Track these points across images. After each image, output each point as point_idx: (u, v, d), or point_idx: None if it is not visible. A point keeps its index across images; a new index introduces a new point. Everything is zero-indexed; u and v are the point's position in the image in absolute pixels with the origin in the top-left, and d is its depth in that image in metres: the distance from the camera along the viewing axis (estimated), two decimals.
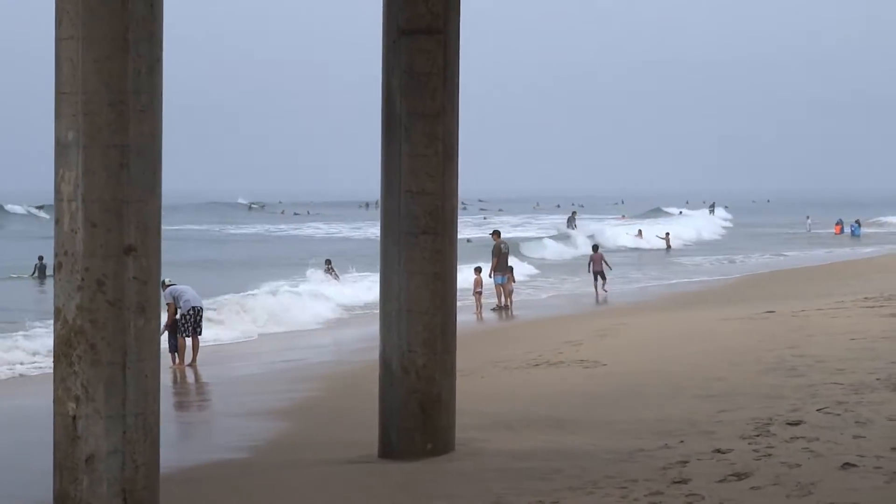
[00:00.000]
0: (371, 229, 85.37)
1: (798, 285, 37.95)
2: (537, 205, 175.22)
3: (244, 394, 19.32)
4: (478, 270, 34.10)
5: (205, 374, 22.77)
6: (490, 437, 13.39)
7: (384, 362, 12.72)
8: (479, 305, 33.45)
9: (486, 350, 22.53)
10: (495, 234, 36.07)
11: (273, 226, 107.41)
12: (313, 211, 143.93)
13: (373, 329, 14.44)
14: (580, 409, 15.01)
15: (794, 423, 12.83)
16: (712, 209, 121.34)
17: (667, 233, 70.07)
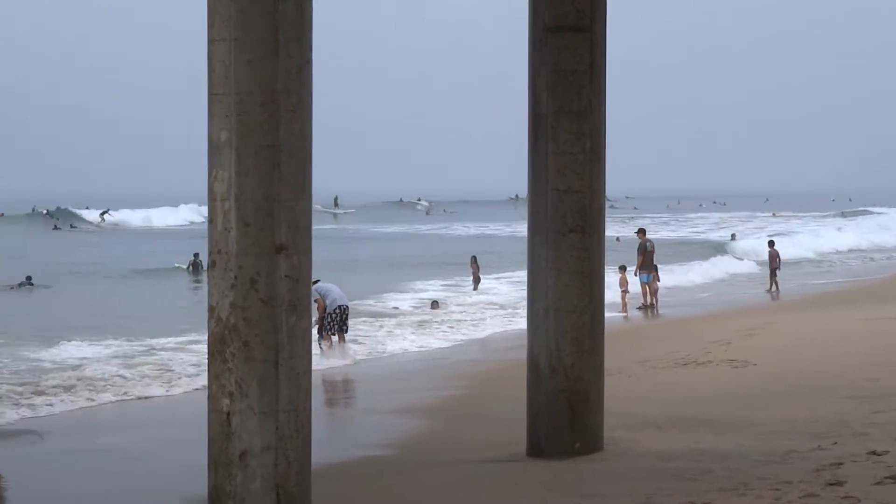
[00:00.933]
0: (518, 227, 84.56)
1: None
2: (678, 202, 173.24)
3: (391, 391, 19.46)
4: (622, 269, 33.88)
5: (353, 371, 22.86)
6: (638, 436, 13.29)
7: (532, 361, 12.71)
8: (624, 304, 33.26)
9: (633, 349, 22.37)
10: (640, 232, 35.70)
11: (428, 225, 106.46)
12: (458, 209, 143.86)
13: (517, 328, 14.39)
14: (729, 410, 14.83)
15: None
16: None
17: None
